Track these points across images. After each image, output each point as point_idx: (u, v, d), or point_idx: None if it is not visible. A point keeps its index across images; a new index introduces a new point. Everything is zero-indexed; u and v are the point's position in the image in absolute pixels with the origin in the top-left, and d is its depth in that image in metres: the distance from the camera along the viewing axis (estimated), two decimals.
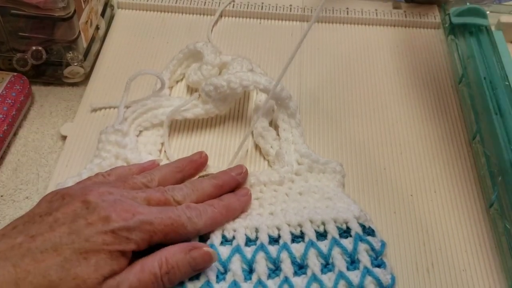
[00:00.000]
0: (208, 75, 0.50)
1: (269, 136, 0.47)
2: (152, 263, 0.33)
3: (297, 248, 0.37)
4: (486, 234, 0.44)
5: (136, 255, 0.34)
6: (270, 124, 0.48)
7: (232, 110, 0.51)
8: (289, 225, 0.38)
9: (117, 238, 0.33)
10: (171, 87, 0.53)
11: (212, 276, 0.35)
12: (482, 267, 0.42)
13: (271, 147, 0.46)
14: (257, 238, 0.38)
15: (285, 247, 0.37)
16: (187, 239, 0.36)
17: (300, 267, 0.36)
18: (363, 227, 0.38)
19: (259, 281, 0.35)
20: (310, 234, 0.37)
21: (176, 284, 0.34)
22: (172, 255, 0.34)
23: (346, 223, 0.38)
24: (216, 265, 0.36)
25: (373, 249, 0.37)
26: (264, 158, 0.47)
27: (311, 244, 0.37)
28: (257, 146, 0.48)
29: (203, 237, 0.37)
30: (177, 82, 0.54)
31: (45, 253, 0.31)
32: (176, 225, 0.35)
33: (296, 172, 0.43)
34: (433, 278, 0.41)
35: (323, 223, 0.38)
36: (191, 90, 0.53)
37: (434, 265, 0.41)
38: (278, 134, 0.47)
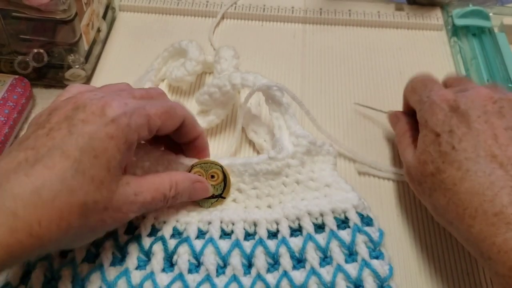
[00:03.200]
0: (192, 71, 0.50)
1: (262, 130, 0.47)
2: (164, 185, 0.35)
3: (296, 242, 0.37)
4: None
5: None
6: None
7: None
8: (287, 219, 0.38)
9: (119, 127, 0.32)
10: (156, 85, 0.53)
11: (212, 270, 0.35)
12: (486, 270, 0.41)
13: (265, 141, 0.46)
14: (255, 232, 0.38)
15: (284, 241, 0.37)
16: (177, 122, 0.37)
17: (299, 261, 0.36)
18: (361, 216, 0.38)
19: (258, 275, 0.35)
20: (308, 228, 0.37)
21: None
22: (182, 181, 0.37)
23: (345, 213, 0.38)
24: (216, 259, 0.36)
25: (371, 240, 0.37)
26: (258, 153, 0.47)
27: (309, 238, 0.37)
28: (250, 142, 0.48)
29: (202, 230, 0.37)
30: (163, 80, 0.53)
31: (54, 158, 0.30)
32: (167, 109, 0.36)
33: (292, 156, 0.41)
34: (437, 281, 0.40)
35: (322, 215, 0.38)
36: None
37: (437, 269, 0.41)
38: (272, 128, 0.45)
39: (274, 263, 0.36)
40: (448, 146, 0.35)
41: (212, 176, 0.40)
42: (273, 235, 0.38)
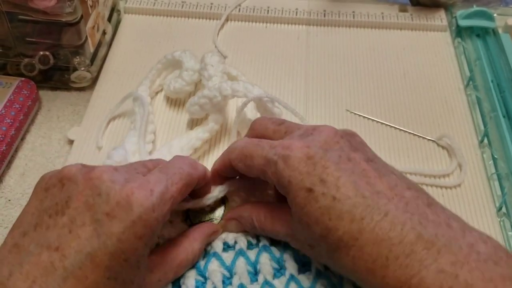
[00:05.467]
0: (190, 80, 0.50)
1: None
2: (187, 258, 0.35)
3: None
4: (495, 238, 0.43)
5: None
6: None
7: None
8: None
9: (147, 224, 0.30)
10: (151, 98, 0.52)
11: (218, 282, 0.35)
12: None
13: None
14: (258, 242, 0.38)
15: (288, 246, 0.37)
16: (193, 187, 0.35)
17: (304, 264, 0.36)
18: None
19: (266, 281, 0.35)
20: None
21: None
22: (200, 247, 0.36)
23: None
24: (221, 271, 0.36)
25: None
26: None
27: None
28: None
29: (205, 248, 0.37)
30: (156, 93, 0.53)
31: (85, 268, 0.29)
32: (186, 180, 0.33)
33: None
34: None
35: None
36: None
37: None
38: None
39: (280, 268, 0.36)
40: (327, 198, 0.30)
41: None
42: (276, 242, 0.37)
